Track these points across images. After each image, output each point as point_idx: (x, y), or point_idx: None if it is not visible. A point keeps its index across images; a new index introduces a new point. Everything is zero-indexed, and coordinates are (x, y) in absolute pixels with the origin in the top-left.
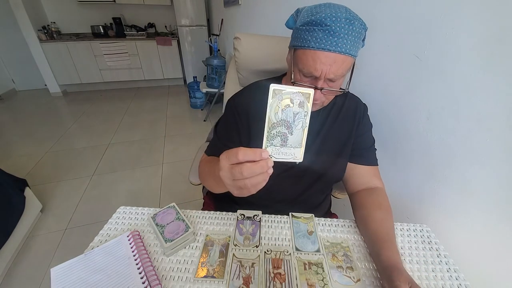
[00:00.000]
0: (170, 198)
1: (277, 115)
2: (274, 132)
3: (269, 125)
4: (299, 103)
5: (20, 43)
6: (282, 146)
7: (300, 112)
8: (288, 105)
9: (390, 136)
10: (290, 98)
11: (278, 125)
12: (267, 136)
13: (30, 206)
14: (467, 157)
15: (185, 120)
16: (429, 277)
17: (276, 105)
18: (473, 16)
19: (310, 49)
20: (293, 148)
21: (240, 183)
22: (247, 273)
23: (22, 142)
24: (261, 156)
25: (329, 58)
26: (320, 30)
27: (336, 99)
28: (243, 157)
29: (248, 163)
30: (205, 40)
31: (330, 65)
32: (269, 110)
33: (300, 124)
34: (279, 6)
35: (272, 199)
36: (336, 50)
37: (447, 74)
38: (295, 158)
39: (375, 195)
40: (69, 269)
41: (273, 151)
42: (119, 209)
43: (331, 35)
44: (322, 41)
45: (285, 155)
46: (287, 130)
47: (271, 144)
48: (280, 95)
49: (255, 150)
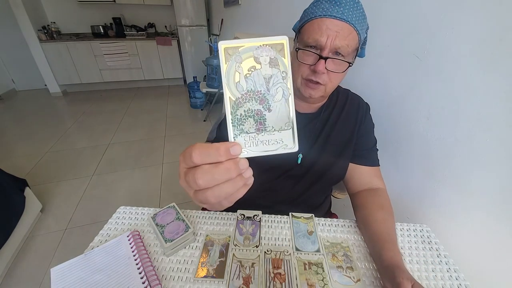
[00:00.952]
0: (170, 198)
1: (240, 85)
2: (241, 112)
3: (231, 103)
4: (269, 61)
5: (20, 43)
6: (259, 131)
7: (275, 74)
8: (253, 67)
9: (390, 136)
10: (254, 56)
11: (245, 99)
12: (232, 120)
13: (30, 206)
14: (467, 157)
15: (185, 120)
16: (429, 277)
17: (235, 70)
18: (473, 16)
19: (317, 18)
20: (277, 132)
21: (200, 195)
22: (247, 273)
23: (22, 142)
24: (227, 153)
25: (335, 24)
26: (326, 2)
27: (338, 98)
28: (200, 156)
29: (205, 165)
30: (205, 40)
31: (337, 31)
32: (226, 80)
33: (279, 93)
34: (279, 6)
35: (273, 200)
36: (343, 18)
37: (447, 74)
38: (286, 147)
39: (376, 195)
40: (69, 269)
41: (248, 141)
42: (119, 209)
43: (337, 5)
44: (329, 9)
45: (268, 145)
46: (262, 105)
47: (242, 131)
48: (236, 55)
49: (217, 146)
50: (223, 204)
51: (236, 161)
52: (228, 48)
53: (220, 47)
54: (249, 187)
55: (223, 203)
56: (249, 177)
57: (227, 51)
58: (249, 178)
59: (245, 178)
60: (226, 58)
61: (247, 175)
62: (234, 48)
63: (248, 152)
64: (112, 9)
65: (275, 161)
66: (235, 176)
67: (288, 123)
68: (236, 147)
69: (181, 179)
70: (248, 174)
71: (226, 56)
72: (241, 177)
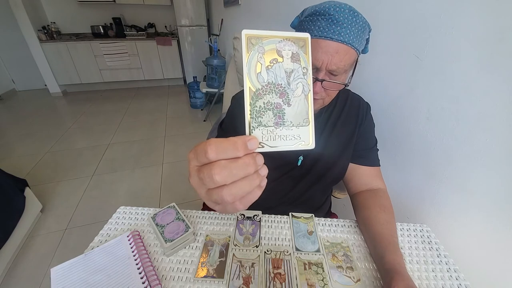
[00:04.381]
0: (170, 198)
1: (261, 76)
2: (260, 104)
3: (250, 93)
4: (291, 55)
5: (20, 43)
6: (277, 125)
7: (296, 69)
8: (275, 59)
9: (390, 136)
10: (276, 49)
11: (266, 91)
12: (251, 112)
13: (30, 206)
14: (467, 157)
15: (185, 120)
16: (429, 277)
17: (257, 61)
18: (473, 16)
19: (312, 38)
20: (295, 128)
21: (215, 194)
22: (247, 273)
23: (22, 142)
24: (245, 147)
25: (331, 47)
26: (323, 19)
27: (338, 99)
28: (216, 152)
29: (222, 161)
30: (205, 40)
31: (332, 55)
32: (247, 69)
33: (299, 88)
34: (279, 6)
35: (275, 201)
36: (339, 39)
37: (447, 74)
38: (303, 144)
39: (378, 196)
40: (69, 269)
41: (266, 135)
42: (119, 209)
43: (334, 24)
44: (325, 29)
45: (286, 140)
46: (281, 99)
47: (260, 124)
48: (259, 45)
49: (234, 140)
50: (236, 205)
51: (253, 155)
52: (251, 37)
53: (243, 35)
54: (263, 189)
55: (236, 205)
56: (264, 175)
57: (250, 40)
58: (264, 178)
59: (261, 176)
60: (248, 48)
61: (263, 172)
62: (258, 38)
63: (265, 147)
64: (112, 9)
65: (276, 162)
66: (252, 172)
67: (306, 119)
68: (254, 140)
69: (192, 177)
70: (264, 172)
71: (249, 45)
72: (258, 174)
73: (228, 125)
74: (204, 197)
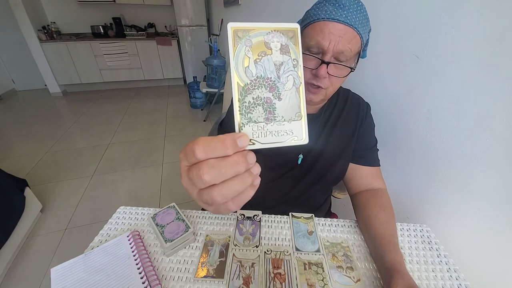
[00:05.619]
0: (170, 198)
1: (249, 71)
2: (250, 99)
3: (239, 89)
4: (280, 47)
5: (20, 43)
6: (268, 120)
7: (285, 61)
8: (264, 52)
9: (390, 136)
10: (264, 41)
11: (254, 86)
12: (239, 108)
13: (30, 206)
14: (467, 157)
15: (185, 120)
16: (429, 277)
17: (244, 54)
18: (473, 16)
19: (320, 21)
20: (287, 123)
21: (205, 194)
22: (247, 273)
23: (22, 142)
24: (234, 145)
25: (338, 29)
26: (330, 4)
27: (338, 99)
28: (204, 151)
29: (211, 159)
30: (205, 40)
31: (340, 36)
32: (234, 63)
33: (290, 81)
34: (279, 6)
35: (275, 201)
36: (346, 22)
37: (447, 74)
38: (296, 139)
39: (378, 196)
40: (69, 269)
41: (256, 131)
42: (119, 209)
43: (340, 8)
44: (333, 12)
45: (277, 136)
46: (271, 93)
47: (250, 120)
48: (247, 38)
49: (222, 138)
50: (229, 205)
51: (244, 153)
52: (237, 30)
53: (229, 28)
54: (256, 189)
55: (229, 205)
56: (257, 174)
57: (237, 34)
58: (256, 177)
59: (253, 174)
60: (235, 41)
61: (255, 171)
62: (245, 31)
63: (256, 144)
64: (112, 9)
65: (276, 161)
66: (243, 171)
67: (298, 114)
68: (243, 138)
69: (183, 178)
70: (256, 171)
71: (236, 38)
72: (250, 173)
73: (228, 124)
74: (196, 198)
